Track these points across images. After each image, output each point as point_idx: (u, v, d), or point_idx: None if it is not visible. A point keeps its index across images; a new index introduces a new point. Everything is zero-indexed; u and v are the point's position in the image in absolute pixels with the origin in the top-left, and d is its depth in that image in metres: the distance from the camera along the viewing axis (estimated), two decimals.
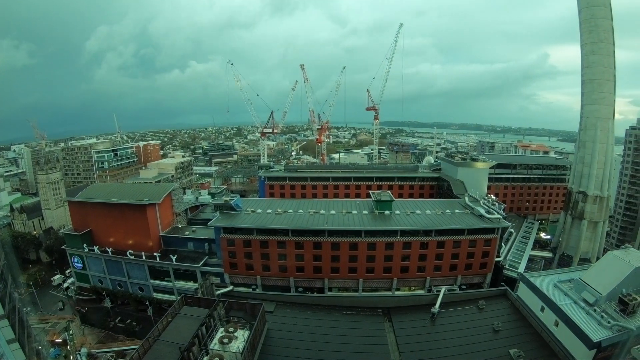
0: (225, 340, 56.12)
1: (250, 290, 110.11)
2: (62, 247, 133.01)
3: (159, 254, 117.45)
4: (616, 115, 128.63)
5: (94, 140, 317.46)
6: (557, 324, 66.91)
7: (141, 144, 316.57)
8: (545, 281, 76.86)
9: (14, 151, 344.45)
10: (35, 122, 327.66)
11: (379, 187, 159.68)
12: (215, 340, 57.11)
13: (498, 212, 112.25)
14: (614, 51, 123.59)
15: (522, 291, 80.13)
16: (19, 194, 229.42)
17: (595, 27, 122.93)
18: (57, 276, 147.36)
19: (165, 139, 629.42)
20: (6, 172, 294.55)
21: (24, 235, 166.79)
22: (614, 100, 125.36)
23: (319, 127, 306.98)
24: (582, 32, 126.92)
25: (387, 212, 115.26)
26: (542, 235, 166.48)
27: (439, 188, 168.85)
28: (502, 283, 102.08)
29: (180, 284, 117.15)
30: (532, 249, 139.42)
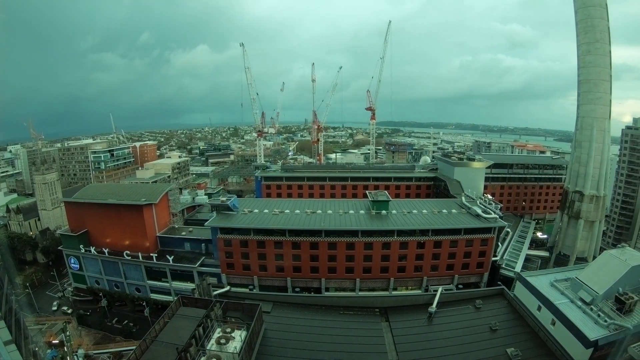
0: (223, 341, 56.00)
1: (247, 290, 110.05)
2: (59, 247, 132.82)
3: (156, 255, 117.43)
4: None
5: (90, 141, 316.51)
6: (554, 323, 67.03)
7: (137, 144, 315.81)
8: (541, 280, 77.02)
9: (10, 152, 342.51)
10: (31, 123, 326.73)
11: (376, 187, 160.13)
12: (213, 341, 56.98)
13: (495, 212, 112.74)
14: (610, 51, 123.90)
15: (519, 290, 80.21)
16: (15, 195, 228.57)
17: (592, 28, 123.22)
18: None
19: (162, 139, 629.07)
20: (2, 172, 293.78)
21: (20, 236, 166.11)
22: (610, 100, 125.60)
23: (316, 127, 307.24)
24: (579, 32, 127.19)
25: (383, 212, 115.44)
26: (539, 234, 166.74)
27: (436, 188, 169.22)
28: (499, 282, 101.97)
29: (177, 284, 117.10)
30: (529, 248, 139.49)
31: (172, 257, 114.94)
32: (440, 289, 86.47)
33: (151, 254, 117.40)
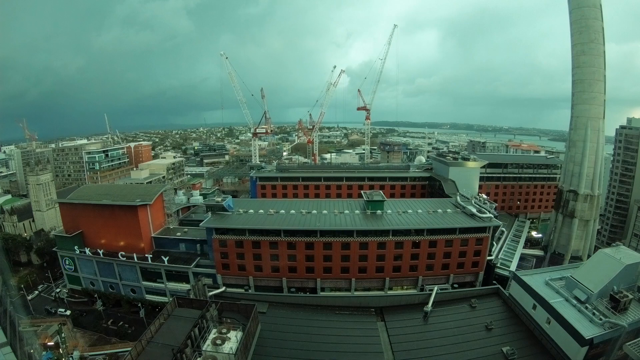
0: (218, 342, 56.01)
1: (242, 291, 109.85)
2: (54, 249, 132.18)
3: (151, 256, 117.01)
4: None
5: (84, 141, 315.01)
6: (549, 322, 67.32)
7: (132, 144, 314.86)
8: (536, 279, 77.39)
9: (4, 152, 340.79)
10: (26, 123, 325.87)
11: (371, 187, 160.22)
12: (208, 342, 57.01)
13: (489, 211, 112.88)
14: (604, 51, 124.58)
15: (514, 289, 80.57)
16: (9, 196, 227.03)
17: (586, 28, 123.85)
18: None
19: (157, 140, 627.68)
20: None
21: (14, 238, 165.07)
22: (604, 100, 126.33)
23: (311, 127, 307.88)
24: (573, 32, 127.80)
25: (379, 211, 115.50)
26: (533, 233, 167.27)
27: (431, 187, 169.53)
28: (494, 282, 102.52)
29: (172, 285, 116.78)
30: (524, 247, 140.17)
31: (167, 257, 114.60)
32: (435, 289, 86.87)
33: (146, 255, 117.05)
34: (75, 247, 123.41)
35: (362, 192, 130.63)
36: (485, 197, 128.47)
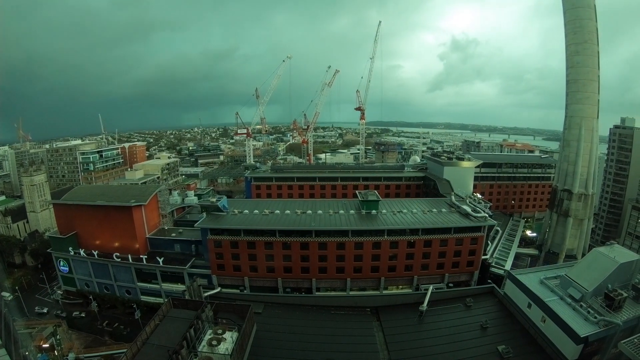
0: (214, 342, 55.84)
1: (238, 291, 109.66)
2: (48, 250, 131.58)
3: (146, 256, 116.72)
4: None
5: (79, 142, 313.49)
6: (544, 320, 67.53)
7: (127, 145, 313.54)
8: (531, 278, 77.57)
9: None
10: (21, 124, 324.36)
11: (366, 187, 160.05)
12: (204, 343, 56.79)
13: (484, 211, 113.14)
14: (598, 52, 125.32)
15: (509, 288, 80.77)
16: (3, 197, 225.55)
17: (580, 28, 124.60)
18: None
19: (151, 140, 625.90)
20: None
21: (8, 239, 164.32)
22: (598, 100, 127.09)
23: (306, 127, 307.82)
24: (567, 32, 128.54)
25: (373, 211, 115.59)
26: (528, 233, 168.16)
27: (425, 187, 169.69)
28: (489, 281, 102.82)
29: (167, 286, 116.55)
30: (518, 246, 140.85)
31: (162, 258, 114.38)
32: (430, 288, 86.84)
33: (141, 256, 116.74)
34: (70, 249, 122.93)
35: (356, 192, 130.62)
36: (480, 196, 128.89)
